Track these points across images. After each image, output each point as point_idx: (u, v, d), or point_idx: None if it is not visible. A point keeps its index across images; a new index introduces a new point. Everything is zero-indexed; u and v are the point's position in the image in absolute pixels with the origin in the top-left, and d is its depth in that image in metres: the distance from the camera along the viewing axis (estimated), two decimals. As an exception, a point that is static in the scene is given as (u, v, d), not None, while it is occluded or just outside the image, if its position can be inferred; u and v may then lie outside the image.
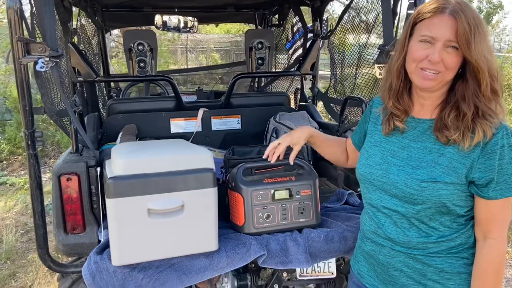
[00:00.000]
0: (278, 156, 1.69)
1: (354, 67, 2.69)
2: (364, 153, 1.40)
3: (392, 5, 2.12)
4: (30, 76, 1.69)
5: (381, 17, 2.21)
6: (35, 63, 1.67)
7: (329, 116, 3.11)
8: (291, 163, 1.73)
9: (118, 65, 9.30)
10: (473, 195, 1.21)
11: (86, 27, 3.28)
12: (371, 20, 2.48)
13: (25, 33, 1.62)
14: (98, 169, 1.80)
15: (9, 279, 3.40)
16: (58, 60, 1.72)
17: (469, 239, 1.25)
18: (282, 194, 1.75)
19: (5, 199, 5.12)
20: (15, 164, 6.64)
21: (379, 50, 2.09)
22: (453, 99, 1.21)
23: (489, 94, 1.16)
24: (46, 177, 5.46)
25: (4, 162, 6.76)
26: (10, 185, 5.73)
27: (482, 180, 1.16)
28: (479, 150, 1.16)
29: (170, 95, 3.17)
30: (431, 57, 1.15)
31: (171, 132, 2.79)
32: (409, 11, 1.99)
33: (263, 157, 1.72)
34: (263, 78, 4.08)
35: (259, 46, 2.96)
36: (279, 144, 1.68)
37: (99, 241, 1.82)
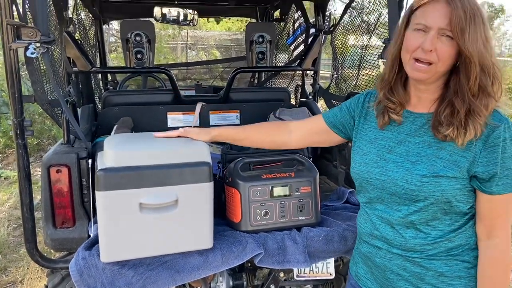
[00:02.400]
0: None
1: (357, 64, 2.63)
2: (358, 152, 1.33)
3: (398, -1, 2.06)
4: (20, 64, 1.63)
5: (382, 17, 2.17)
6: (26, 48, 1.60)
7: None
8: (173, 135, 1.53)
9: (117, 60, 9.22)
10: (475, 190, 1.16)
11: (83, 18, 3.20)
12: (376, 17, 2.41)
13: (16, 18, 1.56)
14: (90, 161, 1.73)
15: (-1, 274, 3.34)
16: (49, 46, 1.65)
17: (469, 240, 1.19)
18: (281, 190, 1.68)
19: (-2, 193, 5.05)
20: (10, 157, 6.56)
21: (384, 45, 2.02)
22: (449, 95, 1.15)
23: (476, 90, 1.10)
24: (40, 171, 5.39)
25: (-1, 155, 6.69)
26: (4, 178, 5.66)
27: (485, 175, 1.12)
28: (481, 143, 1.11)
29: (168, 88, 3.10)
30: (423, 45, 1.10)
31: (168, 126, 2.72)
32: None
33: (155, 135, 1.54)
34: (263, 74, 4.01)
35: (260, 40, 2.89)
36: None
37: (89, 236, 1.75)
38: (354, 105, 1.40)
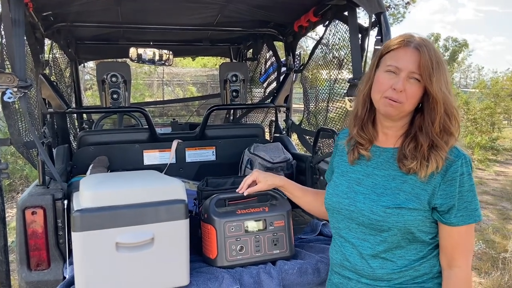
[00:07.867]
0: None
1: (326, 101, 2.75)
2: (331, 184, 1.41)
3: (360, 41, 2.21)
4: (-3, 107, 1.66)
5: (350, 53, 2.29)
6: (3, 93, 1.64)
7: (304, 148, 3.15)
8: (244, 193, 1.61)
9: (92, 98, 9.23)
10: (437, 221, 1.24)
11: (58, 59, 3.26)
12: (342, 56, 2.56)
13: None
14: (65, 202, 1.75)
15: (-34, 322, 3.18)
16: (26, 91, 1.69)
17: (434, 269, 1.26)
18: (255, 225, 1.73)
19: (-33, 236, 4.86)
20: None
21: (349, 84, 2.15)
22: (413, 131, 1.26)
23: (439, 130, 1.20)
24: (13, 213, 5.23)
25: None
26: (-27, 221, 5.46)
27: (444, 207, 1.20)
28: (439, 177, 1.20)
29: (144, 127, 3.15)
30: (395, 85, 1.19)
31: (144, 164, 2.75)
32: (376, 47, 2.08)
33: (237, 191, 1.66)
34: (238, 110, 4.12)
35: (234, 78, 3.01)
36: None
37: (64, 277, 1.73)
38: (332, 154, 1.51)
